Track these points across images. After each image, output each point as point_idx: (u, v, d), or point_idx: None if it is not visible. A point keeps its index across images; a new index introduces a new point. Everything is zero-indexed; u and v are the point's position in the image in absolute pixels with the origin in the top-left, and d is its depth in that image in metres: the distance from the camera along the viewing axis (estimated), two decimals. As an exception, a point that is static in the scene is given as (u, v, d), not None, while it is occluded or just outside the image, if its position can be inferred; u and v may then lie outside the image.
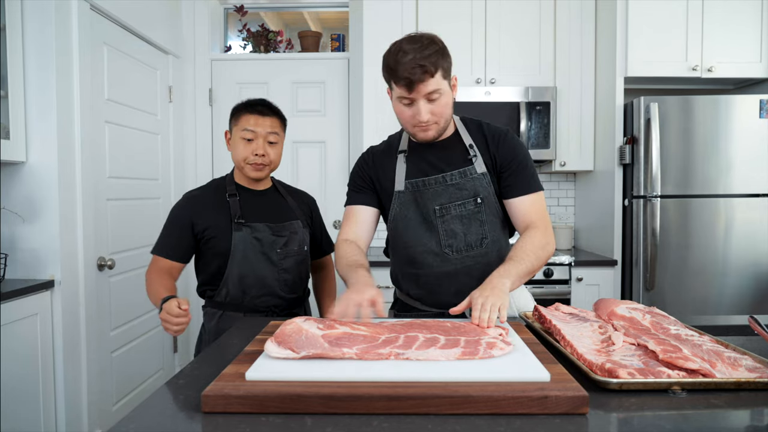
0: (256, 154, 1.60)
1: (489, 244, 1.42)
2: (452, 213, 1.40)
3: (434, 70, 1.24)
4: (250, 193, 1.68)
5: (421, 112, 1.29)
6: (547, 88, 2.85)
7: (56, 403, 2.09)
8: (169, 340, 3.02)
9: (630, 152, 2.66)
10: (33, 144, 2.06)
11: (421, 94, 1.26)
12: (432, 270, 1.43)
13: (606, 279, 2.73)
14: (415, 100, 1.28)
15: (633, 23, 2.66)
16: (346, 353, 0.91)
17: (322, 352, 0.91)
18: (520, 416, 0.77)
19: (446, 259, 1.41)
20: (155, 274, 1.59)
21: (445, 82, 1.29)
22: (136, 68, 2.69)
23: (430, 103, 1.29)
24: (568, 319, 1.18)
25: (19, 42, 2.00)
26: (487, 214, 1.41)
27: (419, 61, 1.23)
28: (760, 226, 2.57)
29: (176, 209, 1.65)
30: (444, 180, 1.39)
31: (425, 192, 1.41)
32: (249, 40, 3.31)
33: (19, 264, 2.08)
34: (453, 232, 1.40)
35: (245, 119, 1.62)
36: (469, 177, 1.39)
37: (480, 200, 1.39)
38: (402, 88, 1.27)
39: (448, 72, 1.31)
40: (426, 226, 1.42)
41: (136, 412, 0.80)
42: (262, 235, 1.61)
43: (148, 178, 2.82)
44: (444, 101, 1.30)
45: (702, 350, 0.95)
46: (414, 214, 1.43)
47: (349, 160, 3.30)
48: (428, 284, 1.45)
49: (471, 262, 1.42)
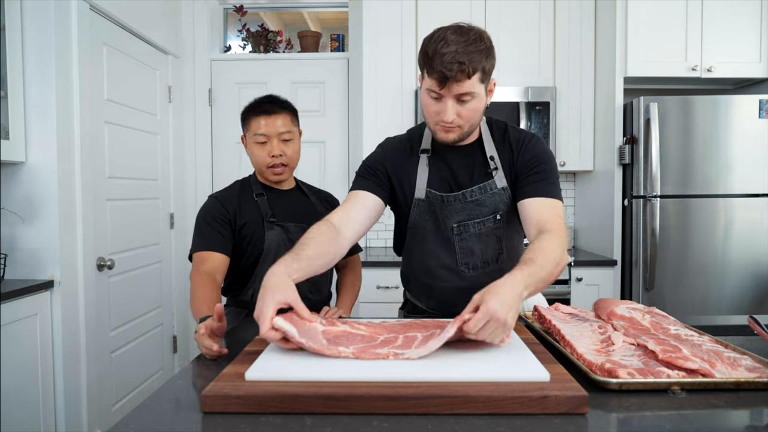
0: (273, 156, 1.56)
1: (505, 259, 1.37)
2: (470, 231, 1.34)
3: (472, 71, 1.13)
4: (276, 192, 1.65)
5: (448, 112, 1.17)
6: (546, 88, 2.85)
7: (56, 404, 2.09)
8: (168, 341, 3.03)
9: (630, 152, 2.66)
10: (32, 144, 2.05)
11: (453, 92, 1.15)
12: (447, 284, 1.39)
13: (606, 279, 2.73)
14: (443, 96, 1.17)
15: (632, 23, 2.66)
16: (342, 352, 0.92)
17: (318, 348, 0.92)
18: (520, 416, 0.77)
19: (462, 276, 1.37)
20: (198, 280, 1.42)
21: (481, 86, 1.17)
22: (136, 68, 2.69)
23: (459, 105, 1.17)
24: (568, 319, 1.18)
25: (18, 42, 2.00)
26: (505, 229, 1.35)
27: (460, 57, 1.11)
28: (759, 226, 2.57)
29: (208, 208, 1.57)
30: (464, 197, 1.32)
31: (444, 208, 1.33)
32: (248, 40, 3.31)
33: (18, 264, 2.07)
34: (470, 251, 1.35)
35: (254, 123, 1.58)
36: (489, 193, 1.31)
37: (499, 217, 1.33)
38: (434, 81, 1.15)
39: (488, 75, 1.18)
40: (442, 242, 1.37)
41: (136, 412, 0.80)
42: (294, 236, 1.54)
43: (148, 179, 2.82)
44: (474, 106, 1.19)
45: (701, 350, 0.95)
46: (432, 227, 1.37)
47: (349, 160, 3.30)
48: (442, 297, 1.41)
49: (486, 278, 1.24)
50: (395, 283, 2.63)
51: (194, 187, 3.24)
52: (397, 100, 2.91)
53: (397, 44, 2.91)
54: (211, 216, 1.54)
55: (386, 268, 2.66)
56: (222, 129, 3.29)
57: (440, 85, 1.14)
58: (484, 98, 1.21)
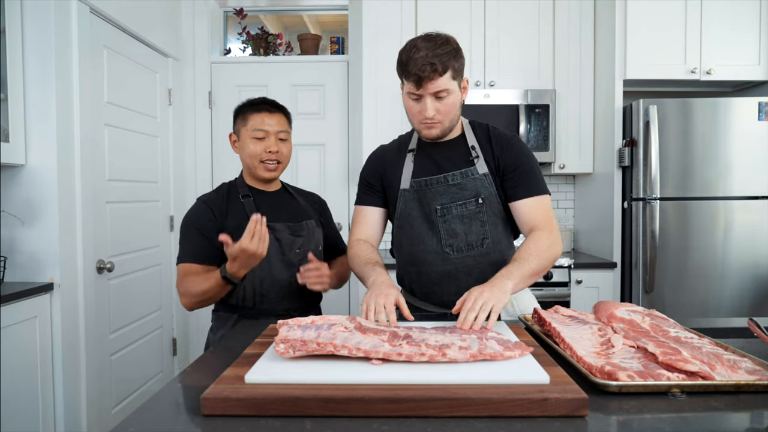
0: (269, 152, 1.59)
1: (490, 245, 1.43)
2: (453, 213, 1.42)
3: (443, 70, 1.27)
4: (263, 194, 1.67)
5: (428, 109, 1.32)
6: (546, 90, 2.86)
7: (55, 406, 2.08)
8: (168, 343, 3.02)
9: (629, 155, 2.66)
10: (32, 147, 2.05)
11: (429, 91, 1.30)
12: (432, 269, 1.46)
13: (605, 281, 2.72)
14: (422, 96, 1.31)
15: (632, 26, 2.67)
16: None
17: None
18: (520, 419, 0.77)
19: (447, 259, 1.44)
20: (186, 279, 1.50)
21: (454, 82, 1.31)
22: (136, 71, 2.70)
23: (437, 101, 1.32)
24: (568, 321, 1.18)
25: (18, 45, 2.00)
26: (488, 214, 1.43)
27: (430, 59, 1.26)
28: (759, 229, 2.57)
29: (196, 212, 1.58)
30: (446, 180, 1.42)
31: (428, 191, 1.43)
32: (248, 43, 3.31)
33: (18, 267, 2.07)
34: (454, 232, 1.43)
35: (254, 118, 1.60)
36: (471, 177, 1.41)
37: (481, 200, 1.41)
38: (411, 84, 1.30)
39: (459, 73, 1.33)
40: (428, 225, 1.45)
41: (136, 415, 0.80)
42: (281, 235, 1.58)
43: (148, 181, 2.82)
44: (451, 101, 1.33)
45: (701, 353, 0.95)
46: (417, 213, 1.46)
47: (349, 163, 3.30)
48: (429, 282, 1.48)
49: (471, 261, 1.43)
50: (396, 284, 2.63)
51: (194, 190, 3.23)
52: (396, 103, 2.91)
53: (396, 46, 2.87)
54: (198, 221, 1.56)
55: (392, 271, 2.66)
56: (222, 132, 3.29)
57: (417, 86, 1.30)
58: (459, 94, 1.36)
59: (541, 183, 1.43)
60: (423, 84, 1.28)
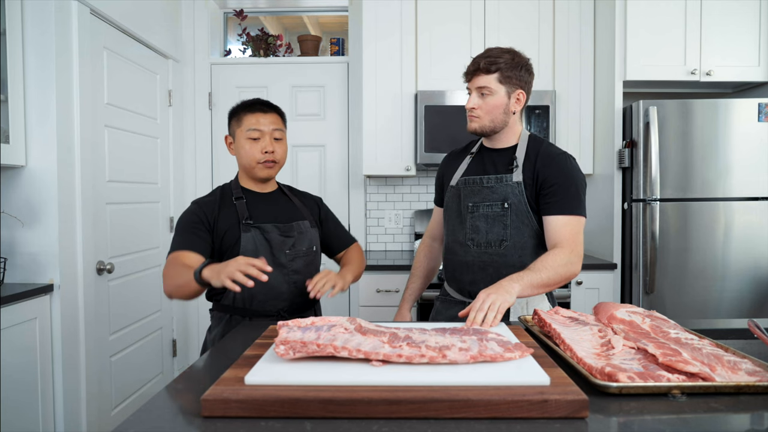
0: (265, 152, 1.60)
1: (509, 247, 1.52)
2: (481, 211, 1.55)
3: (489, 71, 1.47)
4: (256, 195, 1.67)
5: (470, 99, 1.52)
6: (546, 91, 2.86)
7: (55, 408, 2.08)
8: (168, 345, 3.02)
9: (629, 156, 2.66)
10: (33, 148, 2.06)
11: (475, 85, 1.50)
12: (456, 257, 1.61)
13: (605, 282, 2.72)
14: (471, 91, 1.52)
15: (632, 27, 2.67)
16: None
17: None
18: (520, 420, 0.77)
19: (468, 251, 1.58)
20: (170, 265, 1.47)
21: (501, 86, 1.48)
22: (136, 72, 2.70)
23: (480, 98, 1.50)
24: (568, 322, 1.18)
25: (19, 46, 2.00)
26: (512, 219, 1.51)
27: (483, 59, 1.47)
28: (759, 230, 2.57)
29: (189, 213, 1.60)
30: (481, 182, 1.56)
31: (465, 190, 1.59)
32: (248, 44, 3.31)
33: (18, 268, 2.07)
34: (477, 228, 1.56)
35: (248, 119, 1.61)
36: (503, 183, 1.53)
37: (507, 205, 1.51)
38: (466, 77, 1.52)
39: (510, 81, 1.48)
40: (459, 220, 1.60)
41: (135, 416, 0.80)
42: (270, 235, 1.58)
43: (148, 182, 2.82)
44: (493, 102, 1.49)
45: (702, 354, 0.95)
46: (455, 207, 1.62)
47: (349, 164, 3.30)
48: (452, 269, 1.64)
49: (487, 258, 1.54)
50: (395, 287, 2.63)
51: (194, 191, 3.23)
52: (396, 104, 2.92)
53: (396, 47, 2.92)
54: (192, 222, 1.57)
55: (386, 272, 2.66)
56: (222, 133, 3.29)
57: (467, 79, 1.52)
58: (506, 100, 1.50)
59: (576, 204, 1.47)
60: (472, 78, 1.50)
